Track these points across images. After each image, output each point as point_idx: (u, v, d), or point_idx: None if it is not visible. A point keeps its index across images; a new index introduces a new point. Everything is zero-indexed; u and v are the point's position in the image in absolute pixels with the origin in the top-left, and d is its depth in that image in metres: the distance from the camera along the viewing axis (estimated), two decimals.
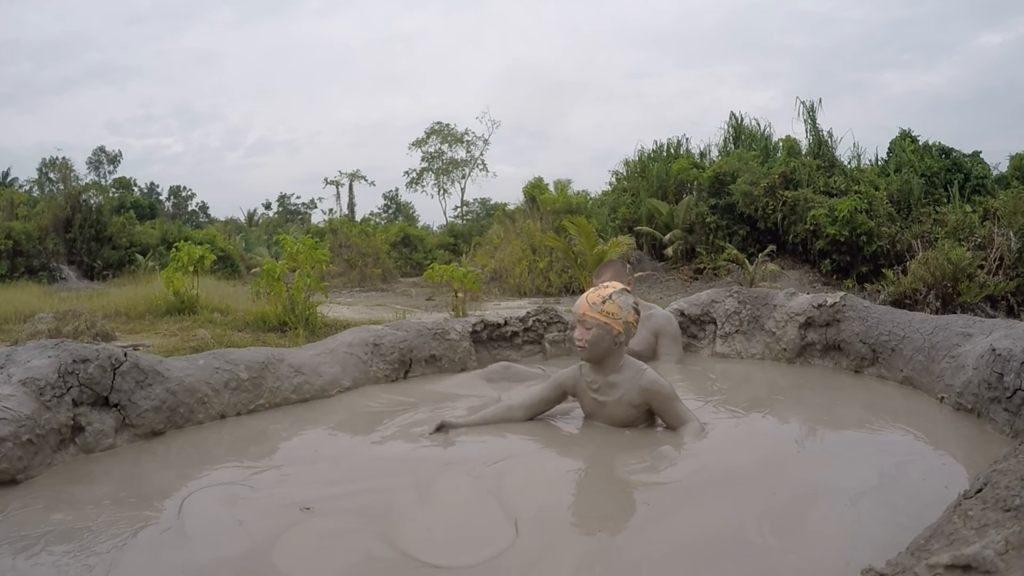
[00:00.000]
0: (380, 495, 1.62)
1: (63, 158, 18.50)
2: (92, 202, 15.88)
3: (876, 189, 10.80)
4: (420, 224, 30.87)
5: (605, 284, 2.17)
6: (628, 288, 2.72)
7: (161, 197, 36.99)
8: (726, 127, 14.35)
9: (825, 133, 12.42)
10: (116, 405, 2.06)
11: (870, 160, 13.11)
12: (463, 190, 36.01)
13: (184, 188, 39.58)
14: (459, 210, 35.45)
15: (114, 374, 2.07)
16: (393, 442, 2.12)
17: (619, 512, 1.57)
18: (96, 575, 1.27)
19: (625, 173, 14.81)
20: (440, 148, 34.92)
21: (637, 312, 2.17)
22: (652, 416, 2.14)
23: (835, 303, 3.14)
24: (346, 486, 1.72)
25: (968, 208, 10.13)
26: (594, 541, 1.41)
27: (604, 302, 2.08)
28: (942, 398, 2.40)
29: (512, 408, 2.23)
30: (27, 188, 27.66)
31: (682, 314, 3.55)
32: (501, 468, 1.79)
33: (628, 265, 3.02)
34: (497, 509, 1.54)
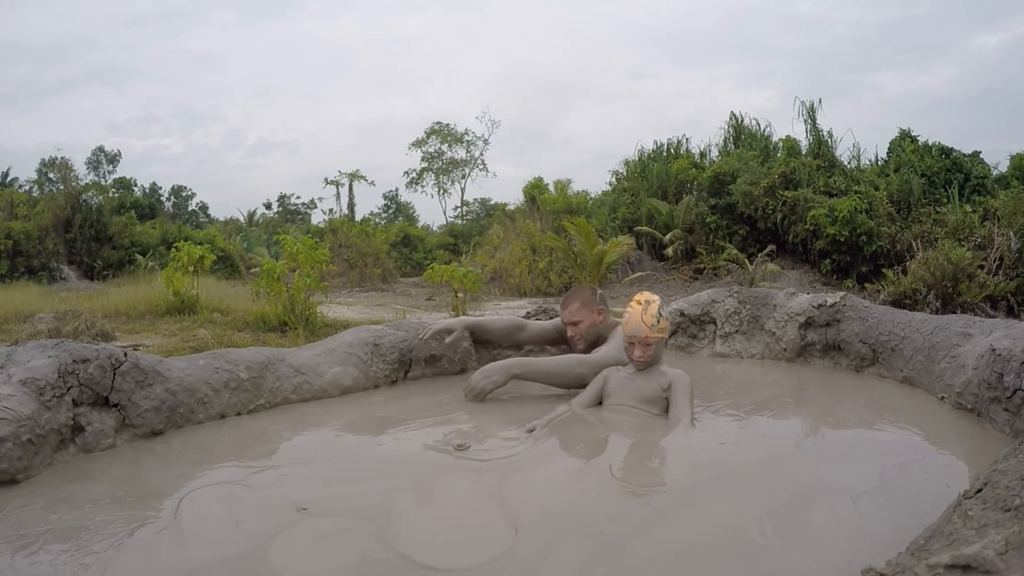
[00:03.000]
0: (378, 496, 1.62)
1: (63, 158, 18.52)
2: (92, 202, 15.89)
3: (876, 189, 10.80)
4: (420, 224, 30.90)
5: (646, 301, 2.34)
6: (600, 316, 2.77)
7: (162, 197, 37.01)
8: (726, 127, 14.36)
9: (825, 133, 12.43)
10: (116, 405, 2.06)
11: (870, 160, 13.12)
12: (463, 190, 36.03)
13: (185, 188, 39.62)
14: (459, 210, 35.47)
15: (114, 374, 2.06)
16: (393, 443, 2.12)
17: (620, 514, 1.57)
18: (92, 574, 1.27)
19: (625, 173, 14.82)
20: (440, 148, 34.94)
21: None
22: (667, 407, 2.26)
23: (835, 303, 3.14)
24: (344, 487, 1.71)
25: (968, 208, 10.13)
26: (595, 543, 1.40)
27: (659, 320, 2.30)
28: (942, 398, 2.39)
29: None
30: (27, 188, 27.66)
31: (682, 314, 3.54)
32: (501, 471, 1.78)
33: (598, 291, 2.93)
34: (496, 511, 1.53)
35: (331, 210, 33.26)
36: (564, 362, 2.57)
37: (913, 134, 12.94)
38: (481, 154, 35.06)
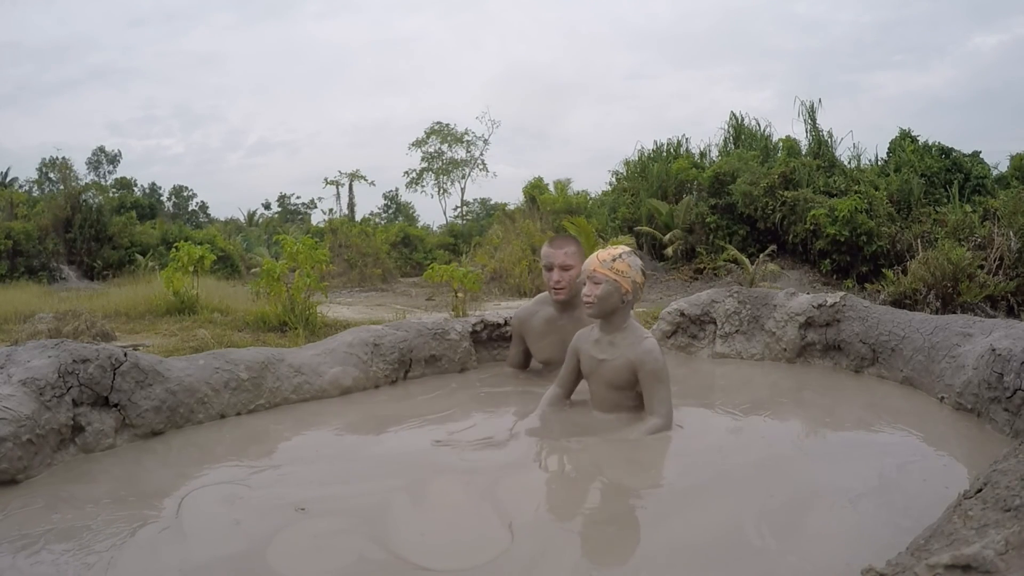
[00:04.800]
0: (375, 497, 1.62)
1: (63, 158, 18.51)
2: (92, 202, 15.88)
3: (876, 189, 10.79)
4: (420, 224, 30.87)
5: (615, 245, 2.18)
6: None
7: (162, 198, 37.04)
8: (726, 127, 14.34)
9: (825, 133, 12.42)
10: (116, 405, 2.06)
11: (870, 160, 13.11)
12: (463, 190, 36.03)
13: (185, 188, 39.65)
14: (459, 210, 35.47)
15: (114, 374, 2.07)
16: (392, 443, 2.12)
17: (615, 515, 1.57)
18: (94, 573, 1.27)
19: (625, 173, 14.80)
20: (440, 148, 34.93)
21: (644, 275, 2.21)
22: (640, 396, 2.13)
23: (835, 303, 3.14)
24: (342, 487, 1.72)
25: (968, 208, 10.13)
26: (591, 544, 1.40)
27: (614, 260, 2.13)
28: (942, 398, 2.39)
29: (555, 395, 2.29)
30: (27, 188, 27.66)
31: (682, 314, 3.54)
32: (496, 472, 1.78)
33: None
34: (492, 513, 1.53)
35: (331, 210, 33.28)
36: None
37: (913, 134, 12.94)
38: (481, 154, 35.08)
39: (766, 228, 11.13)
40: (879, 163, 12.98)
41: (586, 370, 2.24)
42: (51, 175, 27.77)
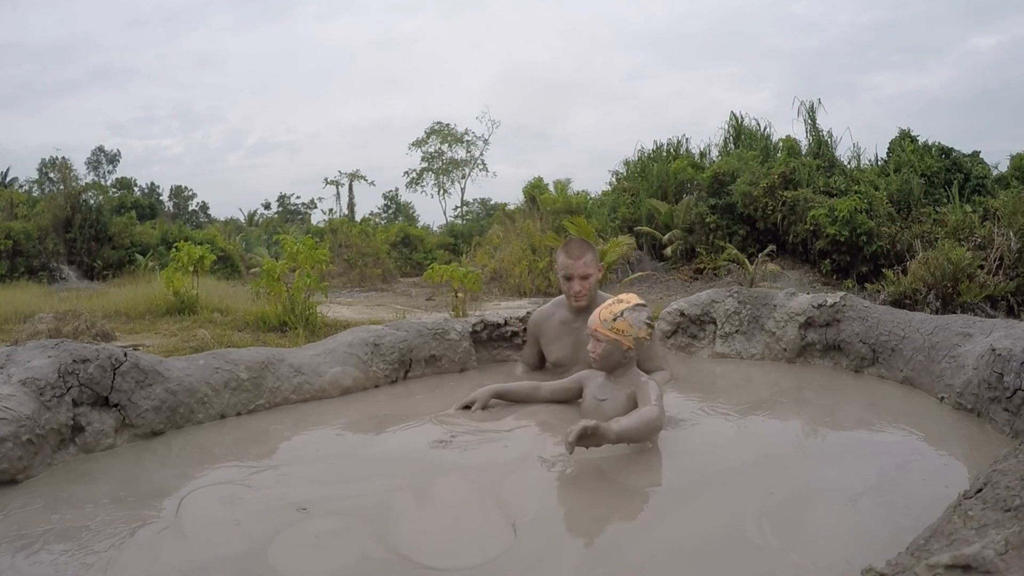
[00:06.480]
0: (377, 496, 1.62)
1: (63, 158, 18.51)
2: (92, 202, 15.90)
3: (876, 189, 10.80)
4: (420, 224, 30.92)
5: (619, 299, 2.23)
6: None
7: (162, 198, 37.08)
8: (726, 127, 14.35)
9: (825, 133, 12.42)
10: (116, 405, 2.06)
11: (870, 160, 13.12)
12: (463, 190, 36.10)
13: (185, 188, 39.69)
14: (459, 210, 35.51)
15: (114, 374, 2.07)
16: (393, 443, 2.12)
17: (618, 514, 1.57)
18: (93, 574, 1.27)
19: (625, 173, 14.81)
20: (440, 148, 34.99)
21: (651, 325, 2.21)
22: None
23: (835, 303, 3.14)
24: (344, 487, 1.72)
25: (968, 208, 10.14)
26: (594, 543, 1.41)
27: (615, 319, 2.15)
28: (942, 398, 2.39)
29: (539, 388, 2.40)
30: (27, 188, 27.66)
31: (682, 314, 3.54)
32: (499, 471, 1.78)
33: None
34: (495, 511, 1.53)
35: (331, 210, 33.38)
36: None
37: (913, 134, 12.95)
38: (481, 154, 35.16)
39: (766, 228, 11.13)
40: (879, 163, 12.98)
41: (585, 411, 2.23)
42: (51, 175, 27.77)
